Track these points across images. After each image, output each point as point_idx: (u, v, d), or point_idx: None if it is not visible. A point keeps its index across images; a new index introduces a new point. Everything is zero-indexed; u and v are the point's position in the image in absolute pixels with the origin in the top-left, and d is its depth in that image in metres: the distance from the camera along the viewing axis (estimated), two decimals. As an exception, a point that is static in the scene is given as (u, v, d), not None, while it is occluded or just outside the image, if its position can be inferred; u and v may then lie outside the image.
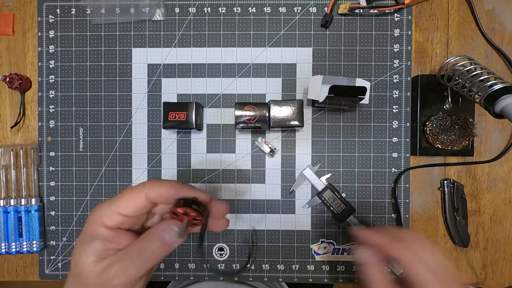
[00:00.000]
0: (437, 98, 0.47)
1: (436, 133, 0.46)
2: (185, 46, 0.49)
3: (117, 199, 0.24)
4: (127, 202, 0.24)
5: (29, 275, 0.50)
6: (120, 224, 0.24)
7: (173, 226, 0.24)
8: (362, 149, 0.49)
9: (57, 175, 0.49)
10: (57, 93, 0.49)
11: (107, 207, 0.24)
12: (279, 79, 0.49)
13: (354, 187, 0.49)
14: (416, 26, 0.49)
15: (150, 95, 0.49)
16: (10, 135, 0.50)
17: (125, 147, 0.49)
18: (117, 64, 0.49)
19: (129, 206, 0.24)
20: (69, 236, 0.49)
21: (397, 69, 0.49)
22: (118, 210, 0.24)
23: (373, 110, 0.49)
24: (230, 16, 0.49)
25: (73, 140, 0.49)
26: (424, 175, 0.49)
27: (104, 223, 0.23)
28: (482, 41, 0.49)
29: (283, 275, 0.49)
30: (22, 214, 0.47)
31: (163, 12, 0.49)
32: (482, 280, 0.49)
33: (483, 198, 0.49)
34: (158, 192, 0.24)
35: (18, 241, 0.47)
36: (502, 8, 0.48)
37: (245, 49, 0.49)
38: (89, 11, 0.49)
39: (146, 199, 0.24)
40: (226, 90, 0.49)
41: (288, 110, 0.44)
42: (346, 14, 0.48)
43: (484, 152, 0.48)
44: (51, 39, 0.49)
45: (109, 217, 0.24)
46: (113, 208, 0.24)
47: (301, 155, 0.49)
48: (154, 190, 0.24)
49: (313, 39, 0.49)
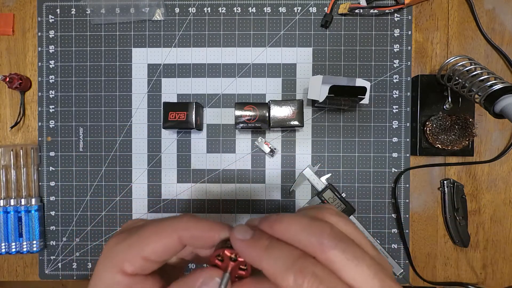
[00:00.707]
0: (437, 98, 0.47)
1: (436, 133, 0.46)
2: (185, 46, 0.49)
3: (142, 240, 0.19)
4: (155, 245, 0.18)
5: (29, 275, 0.50)
6: (142, 270, 0.19)
7: (217, 277, 0.18)
8: (362, 149, 0.49)
9: (57, 175, 0.49)
10: (57, 93, 0.49)
11: (129, 249, 0.18)
12: (279, 79, 0.49)
13: (354, 187, 0.49)
14: (416, 26, 0.49)
15: (150, 95, 0.49)
16: (10, 135, 0.50)
17: (125, 147, 0.49)
18: (117, 64, 0.50)
19: (158, 249, 0.18)
20: (69, 236, 0.49)
21: (397, 69, 0.49)
22: (143, 254, 0.18)
23: (373, 110, 0.49)
24: (230, 16, 0.49)
25: (73, 140, 0.49)
26: (424, 175, 0.49)
27: (123, 269, 0.18)
28: (482, 41, 0.49)
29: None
30: (22, 214, 0.47)
31: (163, 12, 0.49)
32: (482, 280, 0.49)
33: (483, 198, 0.49)
34: (195, 234, 0.19)
35: (18, 241, 0.47)
36: (502, 8, 0.48)
37: (245, 49, 0.49)
38: (89, 11, 0.49)
39: (179, 242, 0.19)
40: (226, 90, 0.49)
41: (288, 110, 0.44)
42: (346, 14, 0.48)
43: (484, 152, 0.48)
44: (51, 39, 0.49)
45: (130, 262, 0.18)
46: (137, 252, 0.18)
47: (301, 155, 0.49)
48: (190, 231, 0.19)
49: (313, 39, 0.49)
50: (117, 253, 0.19)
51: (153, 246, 0.18)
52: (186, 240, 0.19)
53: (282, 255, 0.16)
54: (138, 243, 0.18)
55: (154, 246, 0.18)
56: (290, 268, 0.15)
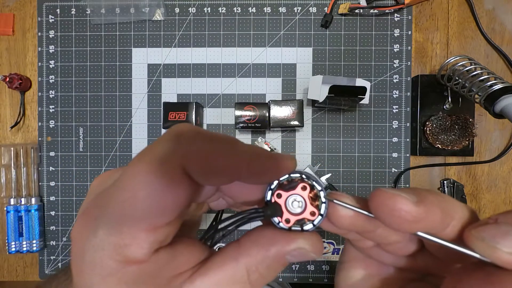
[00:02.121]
0: (437, 98, 0.47)
1: (436, 133, 0.46)
2: (185, 46, 0.49)
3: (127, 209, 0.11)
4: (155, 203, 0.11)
5: (29, 275, 0.50)
6: (156, 244, 0.12)
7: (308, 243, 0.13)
8: (362, 149, 0.49)
9: (57, 175, 0.49)
10: (57, 93, 0.49)
11: (118, 227, 0.11)
12: (279, 79, 0.49)
13: (354, 187, 0.49)
14: (416, 26, 0.49)
15: (150, 95, 0.49)
16: (10, 135, 0.50)
17: (125, 147, 0.49)
18: (117, 64, 0.50)
19: (163, 206, 0.12)
20: (69, 236, 0.49)
21: (397, 69, 0.49)
22: (142, 226, 0.11)
23: (373, 110, 0.49)
24: (230, 16, 0.49)
25: (73, 140, 0.49)
26: (424, 175, 0.49)
27: (126, 258, 0.11)
28: (482, 41, 0.49)
29: (283, 275, 0.49)
30: (22, 214, 0.47)
31: (163, 12, 0.49)
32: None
33: (483, 198, 0.49)
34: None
35: (18, 240, 0.47)
36: (502, 8, 0.48)
37: (245, 49, 0.49)
38: (89, 11, 0.49)
39: (186, 180, 0.12)
40: (226, 90, 0.49)
41: (288, 110, 0.44)
42: (346, 14, 0.48)
43: (484, 152, 0.48)
44: (51, 39, 0.49)
45: (136, 244, 0.11)
46: (134, 226, 0.11)
47: (301, 155, 0.49)
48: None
49: (313, 39, 0.49)
50: (102, 247, 0.11)
51: (151, 208, 0.11)
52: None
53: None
54: (128, 215, 0.11)
55: (153, 206, 0.11)
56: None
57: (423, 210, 0.12)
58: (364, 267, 0.16)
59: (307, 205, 0.13)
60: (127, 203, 0.11)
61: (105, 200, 0.12)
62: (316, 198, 0.13)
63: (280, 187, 0.14)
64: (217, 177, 0.12)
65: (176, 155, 0.12)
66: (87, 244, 0.12)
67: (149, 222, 0.11)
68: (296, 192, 0.13)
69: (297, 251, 0.13)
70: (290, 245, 0.13)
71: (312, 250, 0.13)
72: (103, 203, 0.12)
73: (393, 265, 0.15)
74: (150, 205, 0.11)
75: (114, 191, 0.12)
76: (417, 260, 0.14)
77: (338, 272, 0.16)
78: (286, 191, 0.14)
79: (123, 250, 0.11)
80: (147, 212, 0.11)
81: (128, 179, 0.12)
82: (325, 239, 0.49)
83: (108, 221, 0.11)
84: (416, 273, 0.15)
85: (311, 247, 0.13)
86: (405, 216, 0.11)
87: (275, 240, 0.13)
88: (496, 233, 0.11)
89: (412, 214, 0.11)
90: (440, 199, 0.12)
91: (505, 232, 0.10)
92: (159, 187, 0.11)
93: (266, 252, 0.13)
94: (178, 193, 0.12)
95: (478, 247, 0.11)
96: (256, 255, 0.13)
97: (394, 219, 0.12)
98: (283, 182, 0.14)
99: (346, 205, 0.13)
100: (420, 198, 0.12)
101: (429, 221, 0.12)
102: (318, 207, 0.13)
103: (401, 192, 0.12)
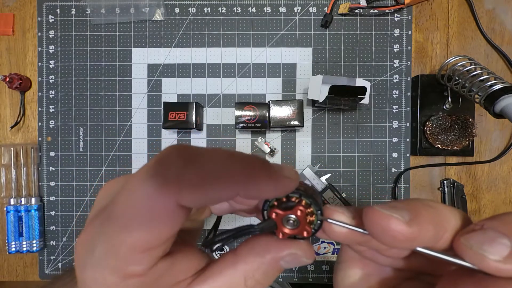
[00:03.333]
0: (437, 98, 0.47)
1: (436, 133, 0.46)
2: (185, 46, 0.49)
3: (121, 228, 0.12)
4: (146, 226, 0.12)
5: (29, 275, 0.50)
6: (154, 259, 0.12)
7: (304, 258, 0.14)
8: (362, 149, 0.49)
9: (57, 175, 0.49)
10: (57, 93, 0.49)
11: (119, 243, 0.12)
12: (279, 79, 0.49)
13: (354, 187, 0.49)
14: (416, 26, 0.49)
15: (150, 95, 0.49)
16: (10, 135, 0.50)
17: (125, 147, 0.49)
18: (117, 64, 0.49)
19: (154, 229, 0.12)
20: (69, 236, 0.49)
21: (397, 69, 0.49)
22: (138, 249, 0.12)
23: (373, 110, 0.49)
24: (230, 16, 0.49)
25: (73, 140, 0.49)
26: (424, 175, 0.49)
27: (126, 274, 0.12)
28: (482, 41, 0.49)
29: (283, 275, 0.49)
30: (22, 214, 0.47)
31: (163, 12, 0.49)
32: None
33: (483, 198, 0.49)
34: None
35: (18, 240, 0.47)
36: (502, 8, 0.48)
37: (245, 49, 0.49)
38: (89, 11, 0.49)
39: (177, 208, 0.12)
40: (226, 90, 0.49)
41: (288, 110, 0.44)
42: (346, 14, 0.48)
43: (484, 152, 0.48)
44: (51, 39, 0.49)
45: (133, 260, 0.12)
46: (130, 249, 0.12)
47: (301, 155, 0.49)
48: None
49: (313, 39, 0.49)
50: (99, 267, 0.12)
51: (146, 229, 0.12)
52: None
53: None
54: (123, 232, 0.11)
55: (147, 227, 0.12)
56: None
57: (416, 229, 0.12)
58: (361, 267, 0.16)
59: (302, 224, 0.14)
60: (123, 228, 0.12)
61: (105, 216, 0.12)
62: (312, 214, 0.14)
63: (277, 206, 0.14)
64: (212, 203, 0.12)
65: (169, 191, 0.11)
66: (87, 259, 0.12)
67: (145, 246, 0.12)
68: (293, 213, 0.14)
69: (290, 256, 0.13)
70: (283, 251, 0.13)
71: (304, 255, 0.14)
72: (103, 220, 0.13)
73: (389, 266, 0.16)
74: (145, 232, 0.12)
75: (111, 213, 0.12)
76: (411, 261, 0.15)
77: (336, 272, 0.17)
78: (283, 211, 0.14)
79: (122, 268, 0.12)
80: (143, 237, 0.12)
81: (123, 208, 0.12)
82: (325, 239, 0.49)
83: (108, 240, 0.12)
84: (411, 272, 0.16)
85: (303, 252, 0.14)
86: (398, 236, 0.12)
87: (269, 247, 0.14)
88: (484, 240, 0.11)
89: (405, 235, 0.12)
90: (433, 213, 0.12)
91: (492, 239, 0.11)
92: (153, 217, 0.12)
93: (262, 258, 0.13)
94: (173, 221, 0.12)
95: (467, 255, 0.11)
96: (252, 262, 0.13)
97: (387, 238, 0.12)
98: (281, 198, 0.14)
99: (340, 224, 0.14)
100: (413, 215, 0.12)
101: (423, 238, 0.12)
102: (313, 223, 0.14)
103: (393, 210, 0.12)
